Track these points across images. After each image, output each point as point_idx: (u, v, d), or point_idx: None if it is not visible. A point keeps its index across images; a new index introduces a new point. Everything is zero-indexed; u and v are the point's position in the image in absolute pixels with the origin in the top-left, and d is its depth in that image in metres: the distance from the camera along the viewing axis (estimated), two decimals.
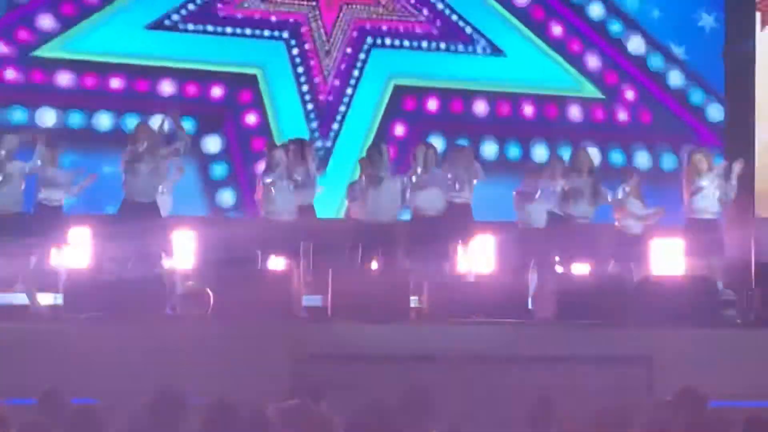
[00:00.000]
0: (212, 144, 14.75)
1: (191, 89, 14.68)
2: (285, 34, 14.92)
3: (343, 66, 15.00)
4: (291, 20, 14.95)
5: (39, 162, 11.48)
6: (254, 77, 14.83)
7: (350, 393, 7.86)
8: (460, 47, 15.17)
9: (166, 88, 14.59)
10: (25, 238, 11.35)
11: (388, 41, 15.09)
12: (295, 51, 14.92)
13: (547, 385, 8.51)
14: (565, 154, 13.41)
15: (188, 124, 13.52)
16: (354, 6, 15.08)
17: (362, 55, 15.04)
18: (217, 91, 14.74)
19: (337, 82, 14.99)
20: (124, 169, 11.49)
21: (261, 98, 14.82)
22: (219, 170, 14.77)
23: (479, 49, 15.19)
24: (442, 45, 15.19)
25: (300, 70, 14.93)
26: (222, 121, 14.75)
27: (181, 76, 14.65)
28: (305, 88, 14.93)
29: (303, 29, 14.94)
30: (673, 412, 7.01)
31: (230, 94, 14.76)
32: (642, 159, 15.24)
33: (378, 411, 6.21)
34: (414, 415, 6.55)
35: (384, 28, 15.09)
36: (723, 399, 8.50)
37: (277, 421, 5.87)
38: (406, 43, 15.13)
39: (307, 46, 14.93)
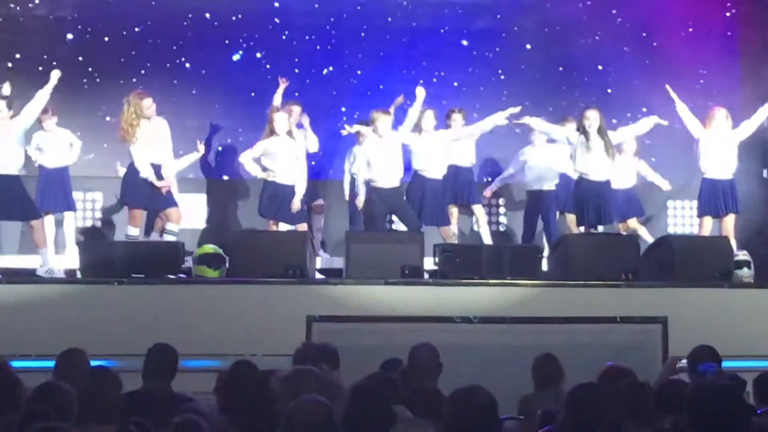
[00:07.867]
0: None
1: None
2: None
3: None
4: None
5: None
6: None
7: (364, 353, 7.91)
8: None
9: None
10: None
11: None
12: None
13: (561, 345, 8.53)
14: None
15: None
16: None
17: None
18: None
19: None
20: None
21: None
22: None
23: None
24: None
25: None
26: None
27: None
28: None
29: None
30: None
31: None
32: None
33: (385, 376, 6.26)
34: (426, 374, 6.60)
35: None
36: (736, 358, 8.54)
37: (284, 387, 5.92)
38: None
39: None
